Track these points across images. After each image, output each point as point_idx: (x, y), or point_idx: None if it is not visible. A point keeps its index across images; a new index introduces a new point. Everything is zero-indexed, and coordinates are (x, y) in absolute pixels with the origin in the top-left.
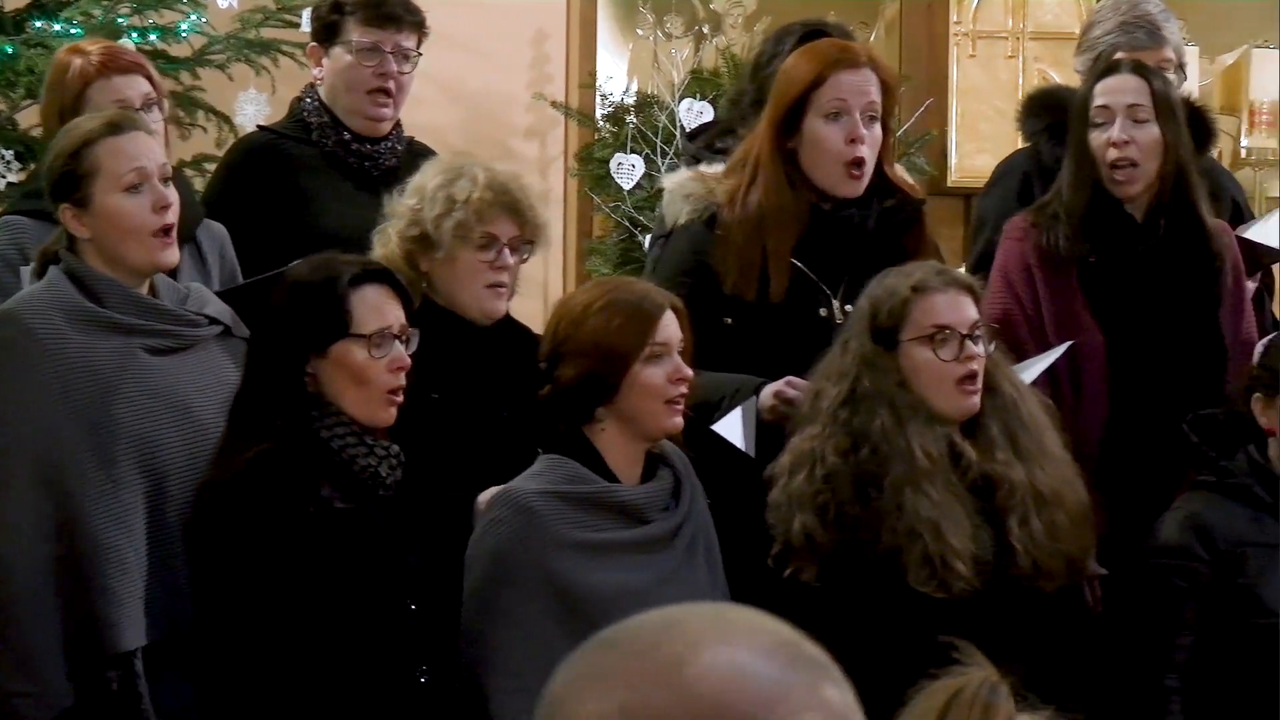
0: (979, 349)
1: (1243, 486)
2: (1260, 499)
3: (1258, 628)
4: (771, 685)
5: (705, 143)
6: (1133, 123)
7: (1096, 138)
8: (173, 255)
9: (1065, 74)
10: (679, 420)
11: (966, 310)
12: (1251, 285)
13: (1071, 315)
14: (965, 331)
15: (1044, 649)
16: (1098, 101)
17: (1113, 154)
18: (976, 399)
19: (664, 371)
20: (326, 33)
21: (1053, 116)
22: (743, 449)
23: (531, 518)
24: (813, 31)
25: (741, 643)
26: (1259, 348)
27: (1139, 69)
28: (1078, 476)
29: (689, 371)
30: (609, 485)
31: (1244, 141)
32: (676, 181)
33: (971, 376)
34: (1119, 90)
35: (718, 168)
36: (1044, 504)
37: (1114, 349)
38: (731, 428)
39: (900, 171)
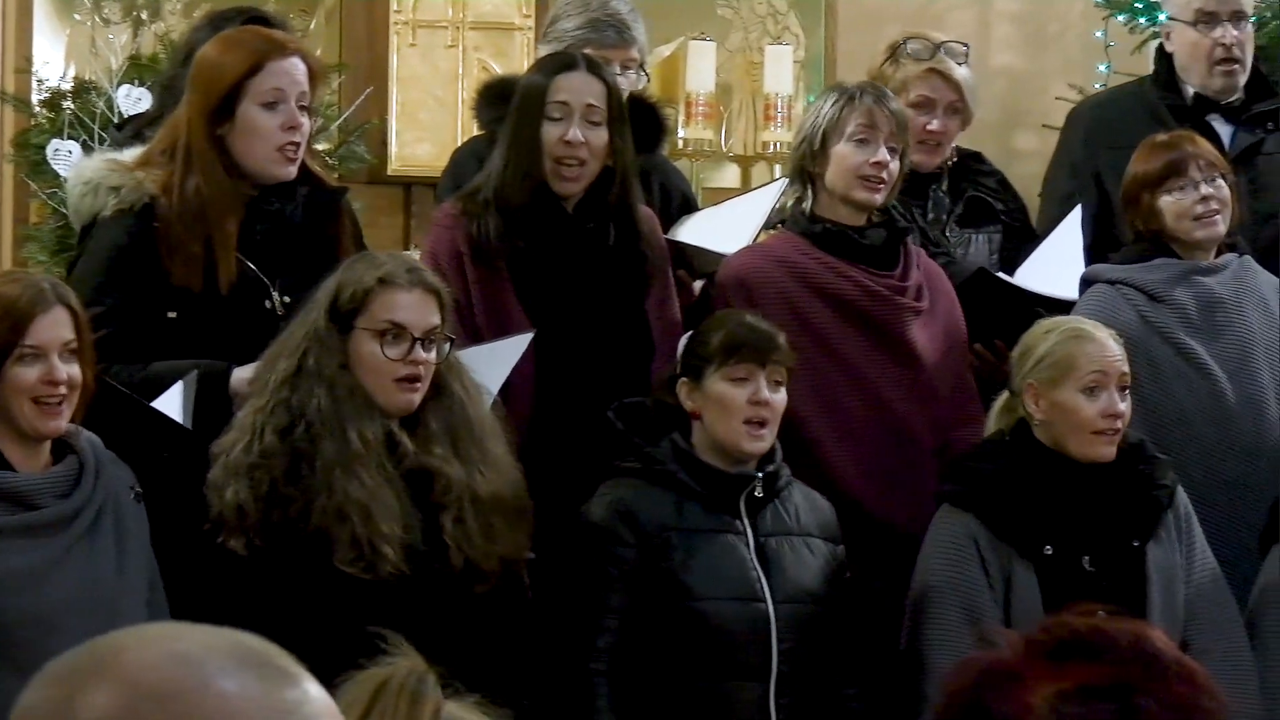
0: (430, 355)
1: (668, 473)
2: (685, 485)
3: (682, 612)
4: (211, 677)
5: (134, 131)
6: (588, 124)
7: (550, 132)
8: None
9: (505, 64)
10: (54, 424)
11: (427, 314)
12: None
13: (501, 305)
14: (419, 335)
15: (472, 637)
16: (558, 97)
17: (563, 151)
18: (416, 397)
19: (36, 373)
20: None
21: (509, 105)
22: (181, 424)
23: None
24: (253, 18)
25: (191, 640)
26: (683, 340)
27: (595, 68)
28: (521, 481)
29: (62, 374)
30: None
31: (681, 133)
32: (94, 171)
33: (413, 378)
34: (580, 90)
35: (130, 154)
36: (482, 507)
37: (542, 339)
38: (171, 404)
39: (314, 164)
